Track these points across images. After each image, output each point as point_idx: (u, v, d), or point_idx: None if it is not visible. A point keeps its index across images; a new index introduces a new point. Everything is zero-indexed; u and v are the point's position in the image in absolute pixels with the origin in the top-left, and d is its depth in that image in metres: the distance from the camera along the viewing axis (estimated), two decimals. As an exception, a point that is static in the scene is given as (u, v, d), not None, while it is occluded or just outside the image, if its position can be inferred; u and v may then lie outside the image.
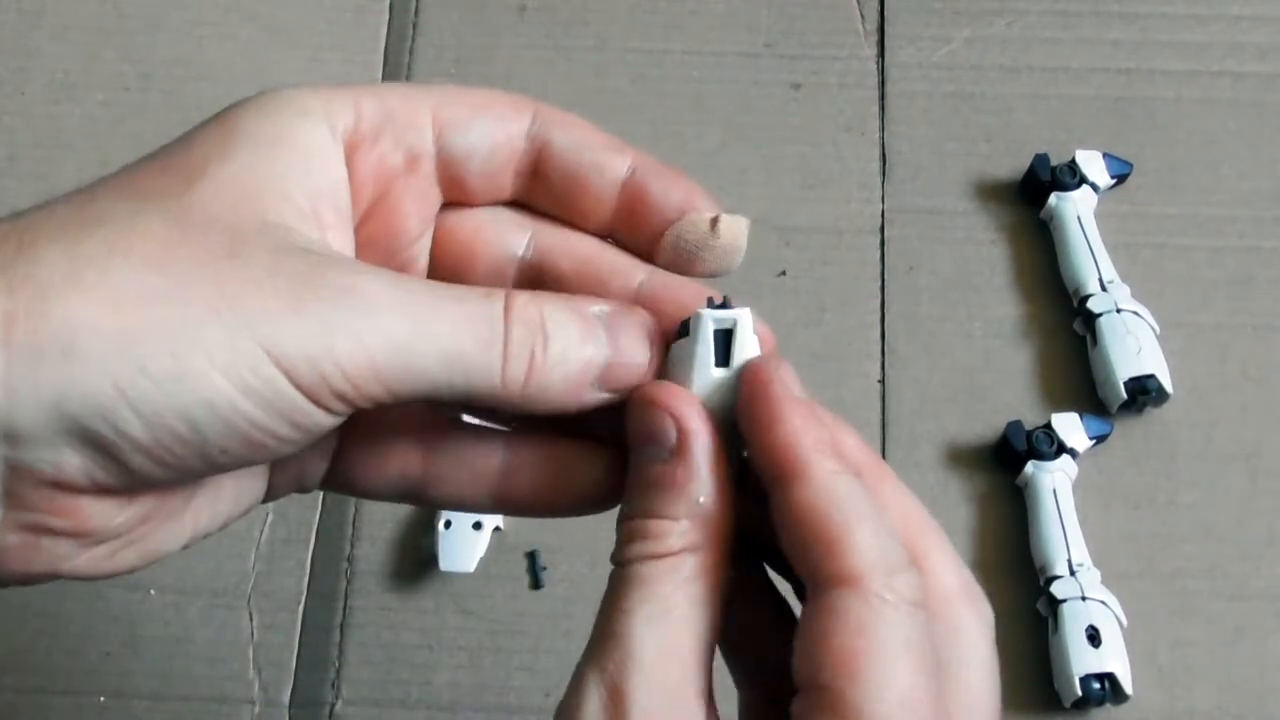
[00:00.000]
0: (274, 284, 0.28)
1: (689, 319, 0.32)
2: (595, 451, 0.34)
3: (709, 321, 0.31)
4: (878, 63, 0.67)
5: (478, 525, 0.57)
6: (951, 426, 0.59)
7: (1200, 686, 0.55)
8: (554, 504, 0.34)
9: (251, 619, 0.56)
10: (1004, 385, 0.60)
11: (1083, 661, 0.53)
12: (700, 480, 0.30)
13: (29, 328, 0.26)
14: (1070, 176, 0.62)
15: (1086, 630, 0.53)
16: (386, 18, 0.68)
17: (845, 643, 0.28)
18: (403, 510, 0.58)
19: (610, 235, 0.34)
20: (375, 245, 0.33)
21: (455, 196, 0.34)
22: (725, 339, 0.32)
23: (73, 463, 0.27)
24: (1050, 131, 0.64)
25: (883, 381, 0.60)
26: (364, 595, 0.57)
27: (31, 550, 0.29)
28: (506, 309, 0.30)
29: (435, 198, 0.33)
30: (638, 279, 0.33)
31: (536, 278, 0.34)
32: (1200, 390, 0.59)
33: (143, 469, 0.28)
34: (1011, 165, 0.64)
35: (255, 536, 0.58)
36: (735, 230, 0.34)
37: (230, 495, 0.33)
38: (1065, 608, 0.54)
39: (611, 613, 0.30)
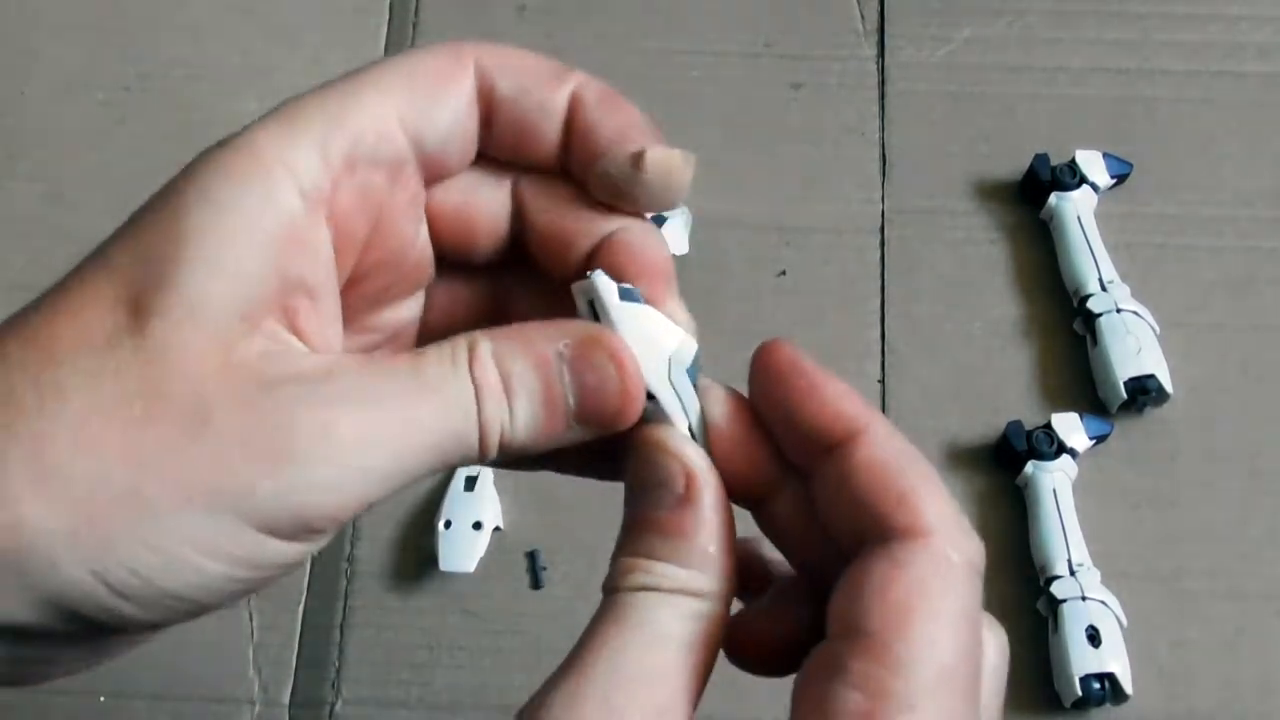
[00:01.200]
0: (245, 449, 0.27)
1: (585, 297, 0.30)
2: None
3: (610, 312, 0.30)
4: (878, 63, 0.67)
5: (478, 525, 0.57)
6: (951, 426, 0.59)
7: (1200, 686, 0.55)
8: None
9: (251, 619, 0.56)
10: (1004, 385, 0.60)
11: (1083, 661, 0.53)
12: (709, 529, 0.29)
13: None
14: (1070, 176, 0.62)
15: (1086, 630, 0.53)
16: (386, 18, 0.68)
17: (903, 596, 0.27)
18: (403, 510, 0.58)
19: (563, 170, 0.32)
20: (382, 267, 0.32)
21: (437, 177, 0.32)
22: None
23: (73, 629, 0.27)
24: (1050, 131, 0.65)
25: (883, 381, 0.60)
26: (364, 595, 0.57)
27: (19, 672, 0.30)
28: (475, 385, 0.28)
29: (421, 190, 0.32)
30: (602, 234, 0.31)
31: (521, 231, 0.33)
32: (1200, 390, 0.59)
33: (137, 630, 0.28)
34: (1011, 165, 0.64)
35: (255, 536, 0.58)
36: (667, 166, 0.31)
37: None
38: (1065, 608, 0.54)
39: (601, 631, 0.29)
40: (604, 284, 0.30)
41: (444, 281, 0.34)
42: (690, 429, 0.30)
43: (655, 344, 0.30)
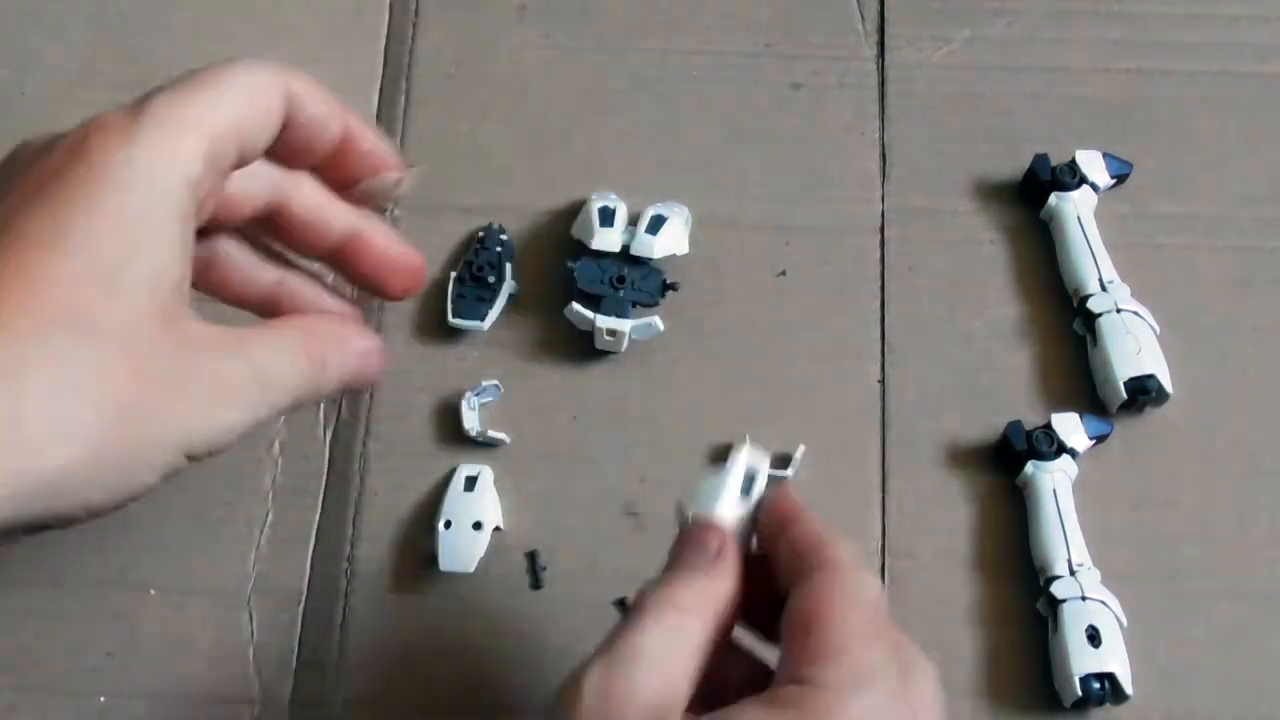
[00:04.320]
0: (181, 394, 0.37)
1: (729, 451, 0.45)
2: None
3: (742, 464, 0.44)
4: (878, 63, 0.67)
5: (478, 525, 0.57)
6: (951, 426, 0.59)
7: (1200, 686, 0.55)
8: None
9: (251, 619, 0.56)
10: (1004, 385, 0.60)
11: (1083, 661, 0.53)
12: (727, 574, 0.41)
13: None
14: (1070, 176, 0.62)
15: (1086, 630, 0.53)
16: (386, 18, 0.68)
17: (824, 592, 0.39)
18: (403, 510, 0.58)
19: (316, 173, 0.44)
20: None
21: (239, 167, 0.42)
22: (750, 478, 0.44)
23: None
24: (1050, 131, 0.65)
25: (883, 381, 0.60)
26: (364, 595, 0.57)
27: None
28: (306, 348, 0.42)
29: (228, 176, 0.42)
30: (353, 220, 0.45)
31: (276, 214, 0.44)
32: (1200, 390, 0.59)
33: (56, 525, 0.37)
34: (1011, 165, 0.64)
35: (255, 536, 0.58)
36: (389, 184, 0.45)
37: None
38: (1065, 608, 0.54)
39: (630, 619, 0.39)
40: (758, 456, 0.45)
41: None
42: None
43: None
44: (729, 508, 0.43)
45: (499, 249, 0.61)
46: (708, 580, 0.41)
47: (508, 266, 0.61)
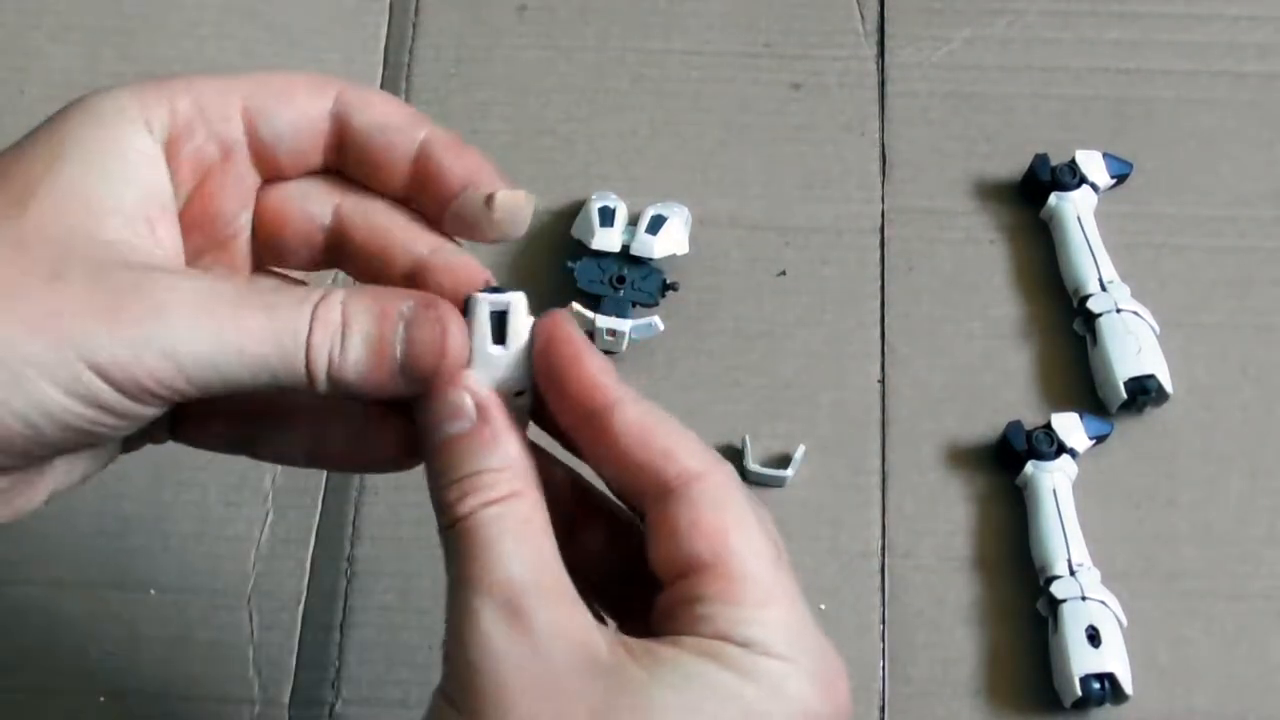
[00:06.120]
0: (92, 302, 0.32)
1: (467, 299, 0.35)
2: (396, 421, 0.38)
3: (484, 305, 0.35)
4: (878, 63, 0.67)
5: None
6: (951, 426, 0.59)
7: (1200, 686, 0.55)
8: (362, 466, 0.41)
9: (251, 619, 0.56)
10: (1004, 385, 0.60)
11: (1083, 661, 0.53)
12: (506, 437, 0.35)
13: None
14: (1070, 176, 0.62)
15: (1086, 630, 0.53)
16: (386, 18, 0.68)
17: (714, 521, 0.34)
18: (403, 510, 0.58)
19: (408, 202, 0.38)
20: (199, 227, 0.37)
21: (271, 174, 0.37)
22: (500, 320, 0.35)
23: None
24: (1050, 131, 0.65)
25: (883, 381, 0.60)
26: (364, 595, 0.57)
27: None
28: (313, 316, 0.34)
29: (252, 178, 0.37)
30: (422, 251, 0.37)
31: (339, 244, 0.38)
32: (1200, 390, 0.59)
33: None
34: (1011, 165, 0.64)
35: (255, 536, 0.58)
36: (512, 206, 0.37)
37: (86, 458, 0.37)
38: (1065, 608, 0.54)
39: (470, 554, 0.33)
40: (520, 300, 0.35)
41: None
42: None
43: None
44: (479, 363, 0.35)
45: (499, 249, 0.61)
46: (487, 452, 0.34)
47: (508, 266, 0.61)
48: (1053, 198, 0.62)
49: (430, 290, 0.36)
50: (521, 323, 0.35)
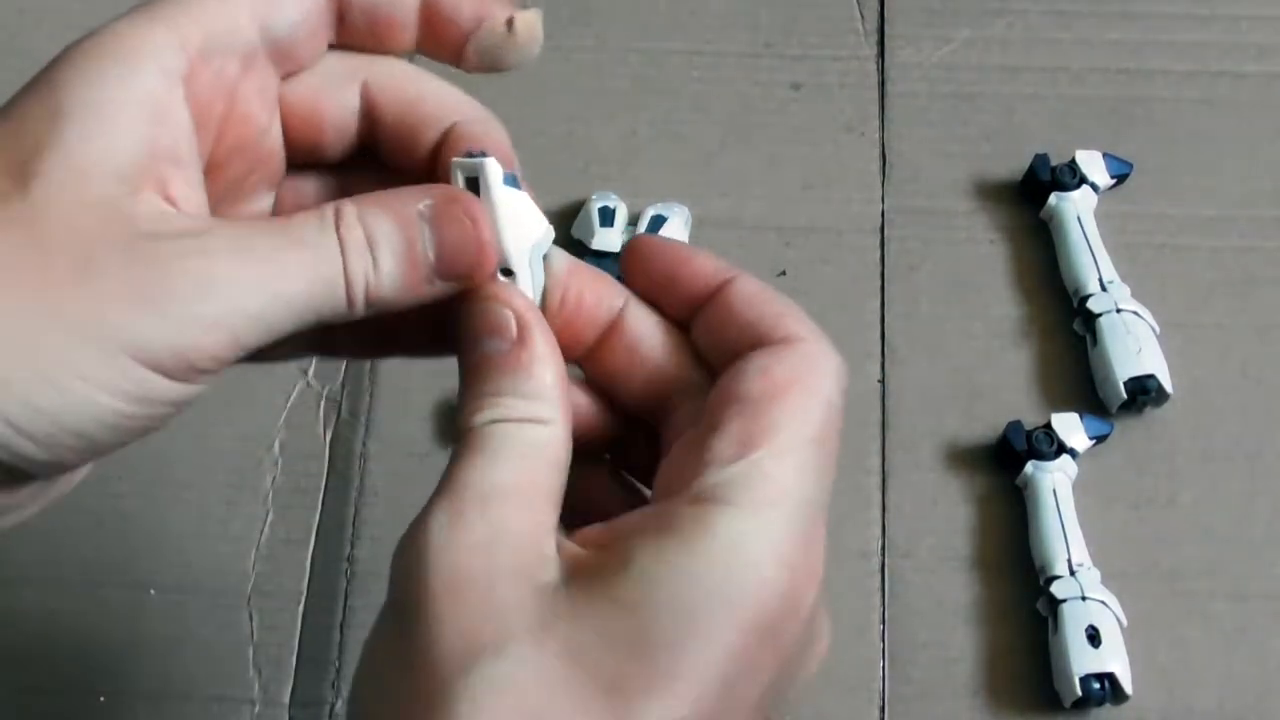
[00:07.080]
0: (130, 289, 0.29)
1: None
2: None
3: (459, 172, 0.34)
4: (878, 63, 0.67)
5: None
6: (951, 426, 0.59)
7: (1200, 686, 0.55)
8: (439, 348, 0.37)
9: (251, 619, 0.56)
10: (1004, 385, 0.60)
11: (1083, 661, 0.53)
12: (544, 363, 0.33)
13: None
14: (1070, 176, 0.62)
15: (1086, 630, 0.53)
16: (386, 18, 0.68)
17: (783, 375, 0.32)
18: (403, 510, 0.58)
19: (421, 52, 0.36)
20: (239, 152, 0.34)
21: (289, 69, 0.35)
22: (474, 185, 0.34)
23: None
24: (1050, 131, 0.65)
25: (883, 381, 0.60)
26: (364, 595, 0.57)
27: None
28: (340, 241, 0.31)
29: (274, 80, 0.35)
30: (449, 123, 0.35)
31: (370, 127, 0.36)
32: (1200, 390, 0.59)
33: (41, 472, 0.30)
34: (1011, 165, 0.64)
35: (255, 536, 0.58)
36: (529, 24, 0.36)
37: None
38: (1065, 608, 0.54)
39: (457, 459, 0.32)
40: (493, 167, 0.33)
41: (294, 181, 0.37)
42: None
43: (523, 227, 0.34)
44: (519, 263, 0.34)
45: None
46: (524, 377, 0.32)
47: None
48: (1053, 198, 0.62)
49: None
50: (497, 194, 0.33)
